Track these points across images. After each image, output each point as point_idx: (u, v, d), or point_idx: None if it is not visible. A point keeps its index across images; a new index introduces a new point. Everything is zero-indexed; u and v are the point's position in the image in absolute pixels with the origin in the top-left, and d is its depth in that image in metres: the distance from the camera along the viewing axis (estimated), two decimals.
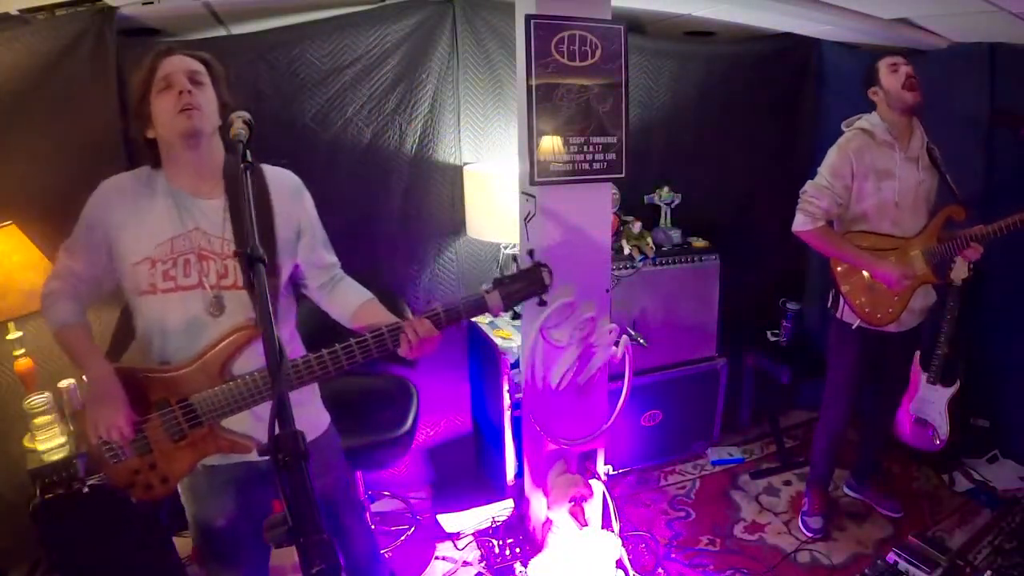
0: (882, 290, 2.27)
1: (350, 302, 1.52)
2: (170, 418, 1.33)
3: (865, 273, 2.29)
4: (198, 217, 1.35)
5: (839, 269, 2.36)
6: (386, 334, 1.35)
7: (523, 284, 1.45)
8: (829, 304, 2.44)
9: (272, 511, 1.46)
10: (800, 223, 2.28)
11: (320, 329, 1.58)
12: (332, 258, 1.56)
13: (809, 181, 2.30)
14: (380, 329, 1.35)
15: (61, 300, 1.37)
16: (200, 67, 1.34)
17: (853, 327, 2.35)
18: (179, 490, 1.48)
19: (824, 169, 2.27)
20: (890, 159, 2.23)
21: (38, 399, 1.95)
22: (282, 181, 1.46)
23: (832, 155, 2.27)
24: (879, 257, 2.24)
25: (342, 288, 1.55)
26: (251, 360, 1.35)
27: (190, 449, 1.35)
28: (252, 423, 1.38)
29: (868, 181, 2.23)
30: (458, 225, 2.78)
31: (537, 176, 2.10)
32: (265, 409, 1.31)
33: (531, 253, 1.51)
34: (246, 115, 1.22)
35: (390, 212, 2.67)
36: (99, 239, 1.35)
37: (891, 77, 2.20)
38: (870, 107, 2.32)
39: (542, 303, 1.49)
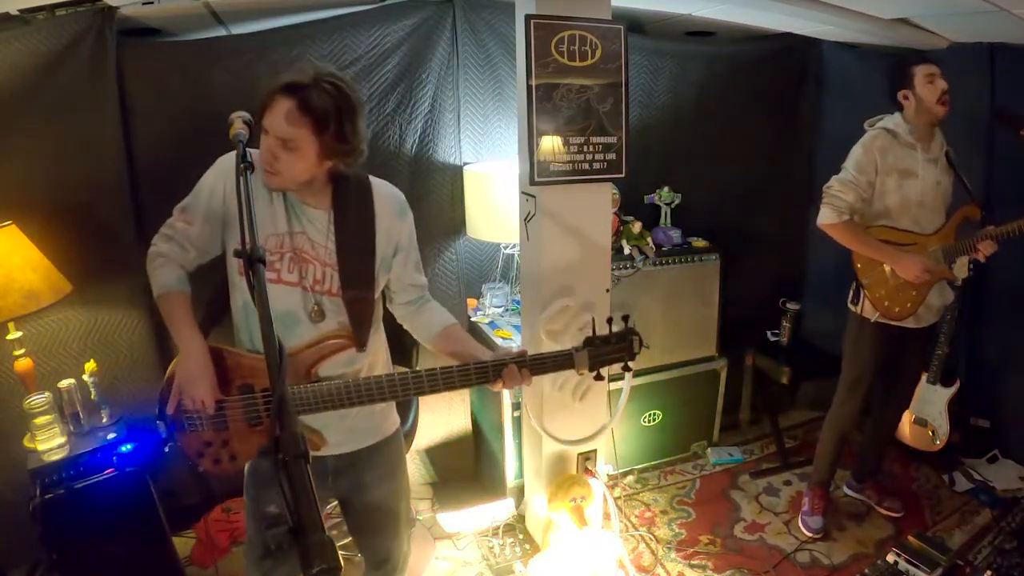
0: (901, 284, 2.31)
1: (435, 324, 1.54)
2: (251, 404, 1.37)
3: (886, 267, 2.33)
4: (304, 223, 1.39)
5: (860, 263, 2.39)
6: (490, 369, 1.38)
7: (613, 348, 1.44)
8: (849, 299, 2.46)
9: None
10: (826, 217, 2.30)
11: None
12: (422, 279, 1.58)
13: (834, 176, 2.32)
14: (486, 364, 1.39)
15: (169, 264, 1.38)
16: (300, 132, 1.26)
17: (872, 321, 2.38)
18: (245, 473, 1.52)
19: (849, 164, 2.31)
20: (912, 159, 2.27)
21: (38, 399, 1.95)
22: (389, 197, 1.48)
23: (857, 151, 2.31)
24: (901, 251, 2.27)
25: (428, 309, 1.57)
26: (336, 367, 1.40)
27: (263, 435, 1.38)
28: (324, 422, 1.41)
29: (891, 178, 2.28)
30: (458, 225, 2.78)
31: (537, 176, 2.10)
32: (345, 411, 1.38)
33: (626, 319, 1.47)
34: (246, 115, 1.24)
35: None
36: (218, 207, 1.37)
37: (927, 88, 2.22)
38: (881, 106, 2.33)
39: (626, 369, 1.47)
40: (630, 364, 1.47)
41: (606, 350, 1.43)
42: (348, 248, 1.39)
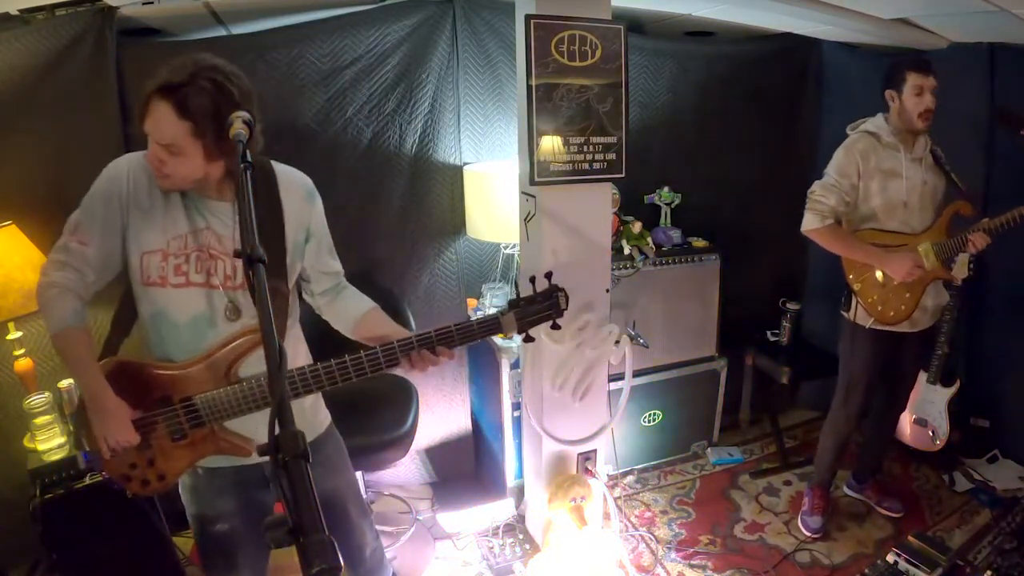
0: (893, 287, 2.28)
1: (353, 311, 1.49)
2: (172, 417, 1.32)
3: (877, 272, 2.30)
4: (208, 217, 1.33)
5: (849, 268, 2.37)
6: (397, 349, 1.33)
7: (539, 307, 1.41)
8: (842, 305, 2.44)
9: (273, 514, 1.47)
10: (809, 222, 2.29)
11: (324, 334, 1.56)
12: (337, 265, 1.53)
13: (816, 181, 2.32)
14: (392, 344, 1.33)
15: (65, 296, 1.27)
16: (180, 136, 1.20)
17: (866, 327, 2.35)
18: (180, 490, 1.47)
19: (831, 169, 2.30)
20: (895, 160, 2.25)
21: (38, 399, 1.95)
22: (294, 182, 1.43)
23: (839, 155, 2.30)
24: (888, 252, 2.24)
25: (345, 296, 1.53)
26: (257, 364, 1.33)
27: (189, 449, 1.34)
28: (254, 426, 1.36)
29: (874, 180, 2.26)
30: (458, 225, 2.78)
31: (537, 176, 2.10)
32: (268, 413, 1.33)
33: (549, 276, 1.44)
34: (245, 115, 1.19)
35: (390, 212, 2.66)
36: (115, 216, 1.30)
37: (913, 99, 2.20)
38: (881, 107, 2.32)
39: (555, 327, 1.44)
40: (559, 323, 1.44)
41: (531, 310, 1.41)
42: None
